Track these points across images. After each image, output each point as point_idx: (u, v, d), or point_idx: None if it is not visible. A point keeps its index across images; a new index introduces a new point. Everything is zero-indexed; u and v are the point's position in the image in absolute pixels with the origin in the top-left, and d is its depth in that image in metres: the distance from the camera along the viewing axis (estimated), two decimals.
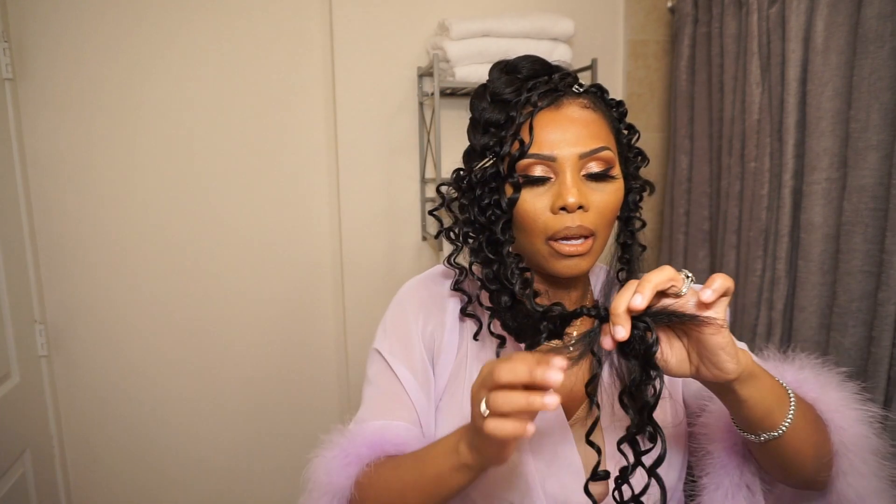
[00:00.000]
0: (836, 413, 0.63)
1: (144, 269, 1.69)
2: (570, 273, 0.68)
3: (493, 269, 0.68)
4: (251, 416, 1.83)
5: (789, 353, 0.68)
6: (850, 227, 1.25)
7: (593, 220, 0.66)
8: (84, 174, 1.62)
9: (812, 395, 0.64)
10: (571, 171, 0.65)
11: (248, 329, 1.80)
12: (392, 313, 0.79)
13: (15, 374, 1.47)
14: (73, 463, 1.71)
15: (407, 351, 0.76)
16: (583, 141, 0.65)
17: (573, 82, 0.69)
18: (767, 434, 0.59)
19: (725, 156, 1.61)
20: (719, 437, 0.67)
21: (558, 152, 0.65)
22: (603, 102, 0.71)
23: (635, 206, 0.73)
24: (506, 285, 0.66)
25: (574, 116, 0.66)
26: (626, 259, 0.72)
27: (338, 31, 1.70)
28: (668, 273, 0.53)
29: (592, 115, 0.68)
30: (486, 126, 0.70)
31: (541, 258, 0.69)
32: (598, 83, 0.72)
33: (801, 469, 0.62)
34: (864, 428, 0.62)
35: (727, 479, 0.66)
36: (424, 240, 1.85)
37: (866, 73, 1.21)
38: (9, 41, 1.51)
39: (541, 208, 0.66)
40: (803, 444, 0.60)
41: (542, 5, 1.80)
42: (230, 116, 1.70)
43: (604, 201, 0.66)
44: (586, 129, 0.66)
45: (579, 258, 0.67)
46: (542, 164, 0.66)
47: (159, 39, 1.63)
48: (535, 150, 0.65)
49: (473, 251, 0.71)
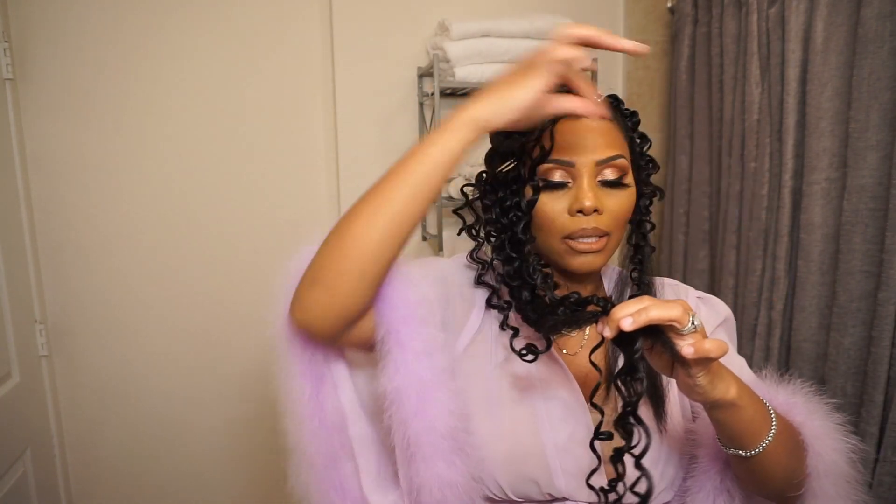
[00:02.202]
0: (816, 440, 0.67)
1: (144, 269, 1.69)
2: (584, 269, 0.72)
3: (515, 266, 0.72)
4: (251, 416, 1.83)
5: (787, 376, 0.73)
6: (850, 227, 1.26)
7: (607, 222, 0.70)
8: (84, 174, 1.62)
9: (798, 419, 0.69)
10: (588, 177, 0.70)
11: (248, 329, 1.80)
12: (426, 263, 0.81)
13: (15, 373, 1.47)
14: (74, 462, 1.71)
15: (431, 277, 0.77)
16: (600, 148, 0.70)
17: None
18: (735, 451, 0.64)
19: (725, 156, 1.61)
20: (706, 443, 0.72)
21: (577, 158, 0.70)
22: (619, 112, 0.75)
23: (646, 210, 0.78)
24: (527, 280, 0.70)
25: (592, 125, 0.71)
26: (639, 259, 0.77)
27: (338, 31, 1.70)
28: (675, 313, 0.55)
29: (609, 124, 0.72)
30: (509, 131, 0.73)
31: (557, 256, 0.73)
32: (614, 94, 0.77)
33: (769, 485, 0.67)
34: (839, 457, 0.67)
35: (709, 483, 0.71)
36: (424, 240, 1.85)
37: (866, 73, 1.21)
38: (9, 41, 1.51)
39: (559, 210, 0.71)
40: (774, 466, 0.64)
41: (541, 5, 1.81)
42: (230, 116, 1.70)
43: (617, 206, 0.71)
44: (603, 138, 0.71)
45: (593, 255, 0.71)
46: (562, 168, 0.70)
47: (159, 38, 1.63)
48: (556, 155, 0.70)
49: (496, 248, 0.75)
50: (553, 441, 0.72)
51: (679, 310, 0.55)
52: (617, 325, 0.55)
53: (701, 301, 0.83)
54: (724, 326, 0.82)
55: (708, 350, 0.55)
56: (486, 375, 0.76)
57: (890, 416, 1.16)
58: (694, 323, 0.56)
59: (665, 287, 0.83)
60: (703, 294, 0.84)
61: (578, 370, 0.76)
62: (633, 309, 0.55)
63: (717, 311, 0.82)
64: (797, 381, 0.72)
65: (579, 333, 0.79)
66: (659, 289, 0.80)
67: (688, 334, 0.56)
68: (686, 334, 0.56)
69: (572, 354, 0.78)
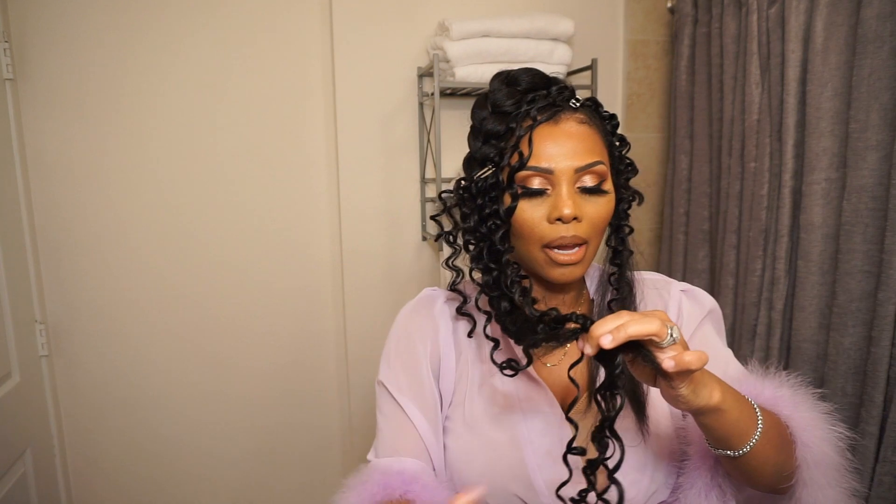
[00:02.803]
0: (804, 431, 0.68)
1: (145, 268, 1.69)
2: (564, 280, 0.72)
3: (493, 276, 0.72)
4: (252, 413, 1.84)
5: (771, 369, 0.74)
6: (850, 227, 1.26)
7: (586, 229, 0.70)
8: (84, 174, 1.62)
9: (786, 412, 0.69)
10: (567, 184, 0.69)
11: (248, 329, 1.80)
12: (394, 344, 0.84)
13: (15, 373, 1.47)
14: (74, 462, 1.71)
15: (413, 381, 0.80)
16: (579, 155, 0.70)
17: (570, 96, 0.73)
18: (722, 451, 0.65)
19: (725, 156, 1.61)
20: (696, 440, 0.72)
21: (555, 165, 0.69)
22: (598, 116, 0.75)
23: (625, 214, 0.78)
24: (505, 292, 0.70)
25: (571, 131, 0.70)
26: (618, 263, 0.77)
27: (338, 31, 1.70)
28: (653, 328, 0.55)
29: (588, 129, 0.72)
30: (487, 136, 0.73)
31: (537, 265, 0.73)
32: (593, 97, 0.76)
33: (758, 480, 0.67)
34: (827, 446, 0.68)
35: (700, 481, 0.71)
36: (424, 240, 1.85)
37: (866, 73, 1.21)
38: (9, 41, 1.51)
39: (538, 218, 0.70)
40: (763, 462, 0.65)
41: (542, 5, 1.81)
42: (230, 116, 1.70)
43: (596, 212, 0.71)
44: (582, 144, 0.70)
45: (573, 266, 0.71)
46: (540, 176, 0.70)
47: (160, 39, 1.63)
48: (534, 162, 0.69)
49: (474, 258, 0.75)
50: (534, 456, 0.72)
51: (657, 323, 0.55)
52: (597, 342, 0.55)
53: (685, 294, 0.82)
54: (710, 318, 0.82)
55: (688, 363, 0.55)
56: (470, 395, 0.77)
57: (890, 416, 1.16)
58: (673, 335, 0.56)
59: (646, 283, 0.82)
60: (687, 286, 0.83)
61: (560, 380, 0.76)
62: (611, 326, 0.55)
63: (702, 304, 0.81)
64: (783, 374, 0.73)
65: None
66: (639, 287, 0.80)
67: (668, 347, 0.56)
68: (666, 347, 0.56)
69: (555, 364, 0.79)
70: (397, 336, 0.84)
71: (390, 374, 0.81)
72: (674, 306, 0.80)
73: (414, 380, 0.80)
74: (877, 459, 1.19)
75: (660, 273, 0.86)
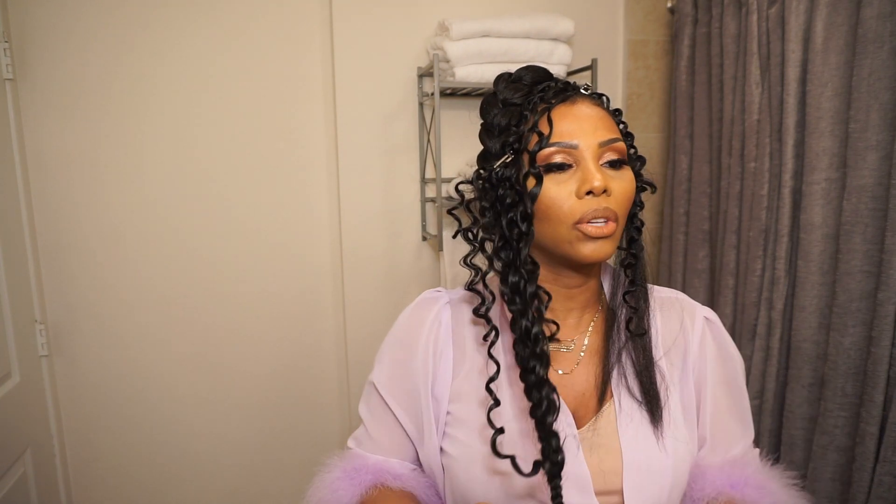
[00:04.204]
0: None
1: (145, 268, 1.69)
2: (595, 257, 0.68)
3: (514, 281, 0.69)
4: (251, 415, 1.84)
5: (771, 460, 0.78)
6: (850, 227, 1.26)
7: (616, 204, 0.68)
8: (85, 174, 1.62)
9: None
10: (593, 158, 0.68)
11: (249, 328, 1.80)
12: (388, 348, 0.82)
13: (15, 373, 1.47)
14: (74, 463, 1.71)
15: (403, 386, 0.79)
16: (600, 131, 0.68)
17: (578, 86, 0.74)
18: None
19: (725, 156, 1.61)
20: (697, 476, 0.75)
21: (579, 140, 0.68)
22: (607, 106, 0.75)
23: (640, 201, 0.77)
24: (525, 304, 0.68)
25: (588, 111, 0.70)
26: (633, 253, 0.76)
27: (338, 31, 1.70)
28: None
29: (603, 112, 0.71)
30: (502, 129, 0.72)
31: (567, 245, 0.69)
32: (600, 92, 0.76)
33: None
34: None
35: None
36: (424, 240, 1.85)
37: (866, 73, 1.21)
38: (9, 41, 1.51)
39: (566, 194, 0.67)
40: None
41: (542, 5, 1.81)
42: (231, 117, 1.70)
43: (622, 188, 0.69)
44: (602, 122, 0.69)
45: (604, 241, 0.68)
46: (564, 152, 0.68)
47: (160, 40, 1.63)
48: (556, 139, 0.68)
49: (494, 251, 0.72)
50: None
51: None
52: None
53: (708, 325, 0.79)
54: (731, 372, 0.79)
55: None
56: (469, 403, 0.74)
57: (890, 416, 1.16)
58: None
59: (663, 302, 0.80)
60: (711, 314, 0.80)
61: (573, 389, 0.74)
62: None
63: (728, 351, 0.79)
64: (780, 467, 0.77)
65: (574, 350, 0.77)
66: (653, 300, 0.78)
67: None
68: None
69: (567, 373, 0.76)
70: (392, 340, 0.83)
71: (382, 376, 0.81)
72: (695, 338, 0.77)
73: (402, 384, 0.79)
74: (877, 459, 1.19)
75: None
